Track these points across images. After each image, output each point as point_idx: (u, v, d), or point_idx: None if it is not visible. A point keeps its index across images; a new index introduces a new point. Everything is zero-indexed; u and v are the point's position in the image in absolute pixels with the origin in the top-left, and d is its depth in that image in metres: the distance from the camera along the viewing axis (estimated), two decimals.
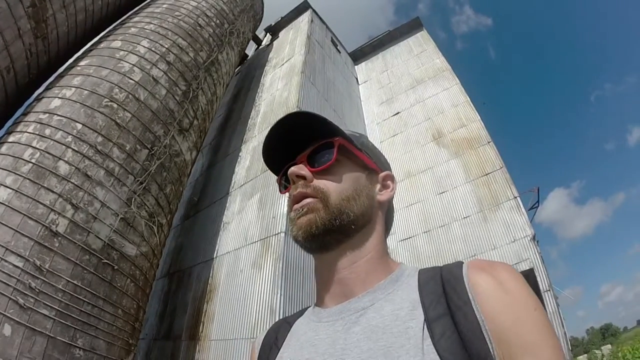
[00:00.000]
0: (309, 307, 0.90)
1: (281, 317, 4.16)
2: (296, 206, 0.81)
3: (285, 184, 0.92)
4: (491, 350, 0.62)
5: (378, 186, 0.89)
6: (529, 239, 7.40)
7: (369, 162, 0.89)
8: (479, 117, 10.11)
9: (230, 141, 8.85)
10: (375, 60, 15.18)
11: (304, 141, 0.88)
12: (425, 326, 0.67)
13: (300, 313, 0.93)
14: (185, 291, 6.94)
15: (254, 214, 6.11)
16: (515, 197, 8.09)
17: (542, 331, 0.62)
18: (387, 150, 10.93)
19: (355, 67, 15.42)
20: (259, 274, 5.24)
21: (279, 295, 4.81)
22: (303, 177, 0.83)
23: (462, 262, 0.74)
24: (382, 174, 0.90)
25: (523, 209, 7.93)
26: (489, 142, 9.36)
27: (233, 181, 7.50)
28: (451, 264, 0.76)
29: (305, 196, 0.82)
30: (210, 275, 6.37)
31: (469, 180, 8.91)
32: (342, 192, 0.83)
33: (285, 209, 5.56)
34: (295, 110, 7.10)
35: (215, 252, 6.58)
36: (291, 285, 5.06)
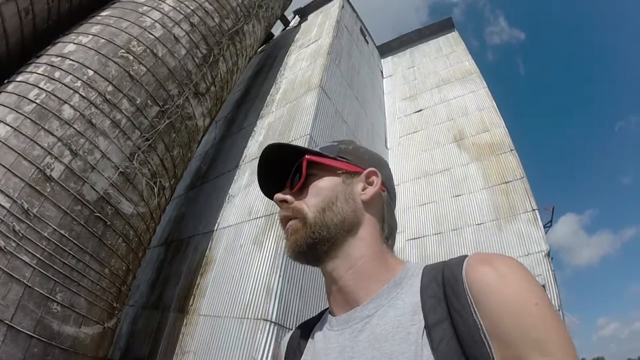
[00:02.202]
0: (327, 309, 0.93)
1: (277, 299, 3.87)
2: (285, 229, 0.89)
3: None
4: (490, 355, 0.61)
5: (361, 185, 0.90)
6: (543, 254, 7.08)
7: (344, 166, 0.91)
8: (503, 124, 9.78)
9: (247, 116, 8.57)
10: (403, 56, 14.88)
11: (288, 168, 0.94)
12: (424, 332, 0.67)
13: (319, 316, 0.96)
14: (180, 261, 6.67)
15: None
16: (534, 210, 7.75)
17: (546, 326, 0.60)
18: (404, 147, 10.72)
19: (382, 60, 15.10)
20: (259, 252, 4.93)
21: (277, 275, 4.49)
22: (285, 201, 0.90)
23: (465, 258, 0.71)
24: (364, 173, 0.91)
25: (540, 223, 7.58)
26: (511, 150, 9.02)
27: (244, 155, 7.22)
28: (454, 260, 0.74)
29: (289, 219, 0.88)
30: (209, 247, 6.08)
31: (488, 186, 8.60)
32: (317, 205, 0.87)
33: None
34: (317, 88, 6.89)
35: (217, 225, 6.30)
36: (292, 267, 4.74)
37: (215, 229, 6.28)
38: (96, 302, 4.64)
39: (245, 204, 5.99)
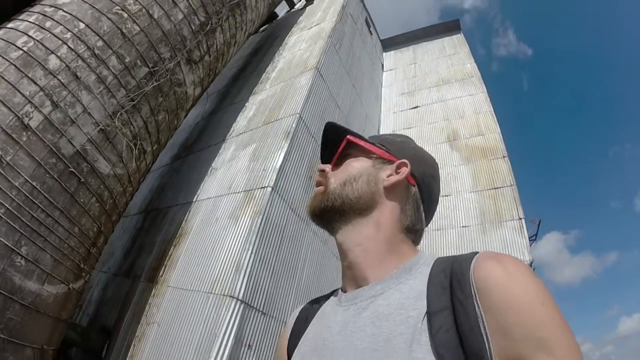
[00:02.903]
0: (339, 288, 0.99)
1: (246, 277, 3.74)
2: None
3: None
4: (487, 348, 0.62)
5: (388, 172, 0.97)
6: (526, 264, 6.97)
7: (378, 152, 1.00)
8: (499, 130, 9.67)
9: (240, 91, 8.39)
10: (405, 52, 14.75)
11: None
12: (425, 318, 0.69)
13: (331, 294, 1.02)
14: (156, 231, 6.51)
15: (245, 164, 5.66)
16: (521, 219, 7.67)
17: (552, 326, 0.61)
18: None
19: (384, 54, 14.98)
20: (234, 226, 4.77)
21: (249, 252, 4.33)
22: (322, 171, 1.04)
23: (475, 254, 0.74)
24: (396, 162, 0.98)
25: (526, 232, 7.54)
26: (504, 157, 8.93)
27: (232, 129, 7.04)
28: (465, 255, 0.76)
29: (319, 184, 1.03)
30: (185, 219, 5.92)
31: (476, 190, 8.52)
32: (340, 178, 0.97)
33: (279, 162, 5.18)
34: (313, 70, 6.74)
35: (196, 197, 6.12)
36: (266, 245, 4.58)
37: (194, 200, 6.12)
38: (62, 261, 4.46)
39: (226, 177, 5.83)
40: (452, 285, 0.71)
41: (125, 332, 5.53)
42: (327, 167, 1.05)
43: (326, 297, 1.02)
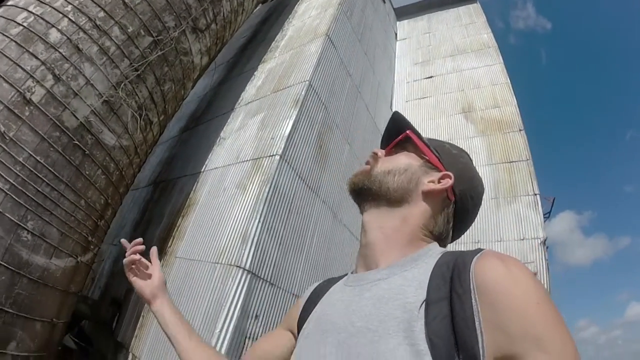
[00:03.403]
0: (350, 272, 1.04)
1: (253, 247, 3.61)
2: None
3: None
4: (479, 342, 0.62)
5: (431, 178, 0.99)
6: (539, 241, 6.87)
7: (430, 156, 1.03)
8: (515, 102, 9.39)
9: (249, 60, 8.21)
10: (420, 21, 14.29)
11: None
12: (423, 306, 0.71)
13: (344, 276, 1.05)
14: (165, 202, 6.47)
15: (253, 133, 5.52)
16: (536, 194, 7.51)
17: (548, 325, 0.61)
18: (410, 112, 10.37)
19: (397, 23, 14.55)
20: (242, 196, 4.66)
21: (256, 222, 4.23)
22: (375, 154, 1.09)
23: (479, 251, 0.75)
24: (443, 172, 0.99)
25: (540, 209, 7.35)
26: (520, 130, 8.70)
27: (241, 98, 6.89)
28: (469, 251, 0.77)
29: (367, 163, 1.08)
30: (193, 189, 5.84)
31: (491, 163, 8.33)
32: (387, 166, 1.02)
33: (287, 130, 5.04)
34: (323, 36, 6.54)
35: (204, 167, 6.03)
36: (274, 215, 4.48)
37: (202, 170, 6.03)
38: (69, 234, 4.41)
39: (234, 147, 5.71)
40: (452, 278, 0.73)
41: (134, 303, 5.52)
42: (380, 152, 1.10)
43: (339, 278, 1.07)
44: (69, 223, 4.38)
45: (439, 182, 0.98)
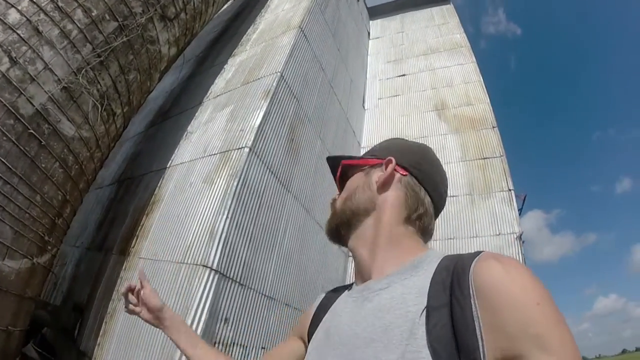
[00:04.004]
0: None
1: (221, 245, 3.35)
2: None
3: None
4: (480, 347, 0.63)
5: (378, 174, 1.02)
6: (515, 236, 6.96)
7: (367, 162, 1.09)
8: (488, 100, 9.50)
9: (219, 54, 7.97)
10: (393, 20, 14.36)
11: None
12: (424, 313, 0.71)
13: (349, 285, 1.06)
14: (129, 200, 6.16)
15: (222, 126, 5.29)
16: (510, 190, 7.60)
17: (548, 323, 0.61)
18: (383, 109, 10.49)
19: (371, 22, 14.57)
20: (209, 190, 4.42)
21: (224, 217, 3.99)
22: (333, 199, 1.14)
23: (479, 253, 0.75)
24: (383, 162, 1.03)
25: (515, 204, 7.43)
26: (493, 127, 8.79)
27: (210, 91, 6.65)
28: (468, 255, 0.77)
29: (330, 209, 1.13)
30: (158, 185, 5.55)
31: (464, 160, 8.37)
32: (343, 197, 1.08)
33: (257, 122, 4.83)
34: (296, 29, 6.36)
35: (170, 162, 5.75)
36: (243, 210, 4.25)
37: (168, 165, 5.74)
38: (24, 232, 4.08)
39: (202, 140, 5.46)
40: (452, 283, 0.72)
41: (97, 309, 5.21)
42: (336, 195, 1.16)
43: (344, 288, 1.07)
44: (23, 220, 4.05)
45: (385, 170, 1.01)
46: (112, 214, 6.53)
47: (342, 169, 1.15)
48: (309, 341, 1.04)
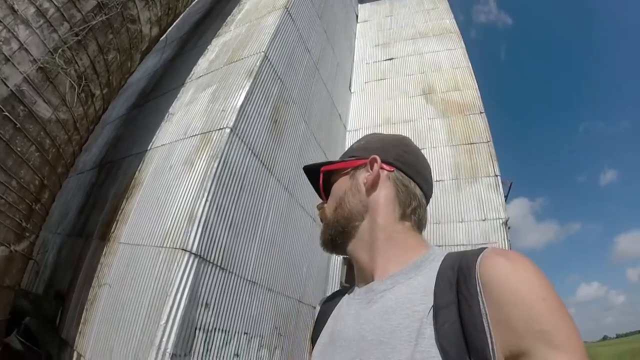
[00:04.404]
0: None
1: (201, 228, 3.20)
2: None
3: None
4: (490, 344, 0.62)
5: (364, 175, 1.01)
6: (501, 221, 6.99)
7: (350, 165, 1.06)
8: (476, 86, 9.46)
9: (202, 35, 7.77)
10: (382, 4, 14.13)
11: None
12: (431, 312, 0.71)
13: (350, 288, 1.05)
14: (110, 185, 6.01)
15: (203, 106, 5.15)
16: (497, 176, 7.60)
17: (554, 319, 0.61)
18: (369, 92, 10.42)
19: (359, 5, 14.33)
20: (189, 173, 4.29)
21: (204, 200, 3.87)
22: (319, 208, 1.13)
23: (482, 250, 0.74)
24: (367, 162, 1.01)
25: (501, 189, 7.45)
26: (481, 113, 8.77)
27: (192, 72, 6.49)
28: (473, 251, 0.76)
29: (322, 220, 1.10)
30: (139, 168, 5.40)
31: (451, 144, 8.35)
32: (332, 206, 1.05)
33: (240, 102, 4.70)
34: (282, 9, 6.21)
35: (151, 144, 5.59)
36: (223, 193, 4.13)
37: (148, 148, 5.59)
38: None
39: (183, 121, 5.30)
40: (458, 281, 0.72)
41: (78, 296, 5.09)
42: (320, 204, 1.13)
43: (346, 290, 1.06)
44: None
45: (371, 170, 0.99)
46: (93, 199, 6.39)
47: (323, 176, 1.12)
48: (313, 346, 1.04)
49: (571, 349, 0.58)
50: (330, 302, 1.09)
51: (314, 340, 1.05)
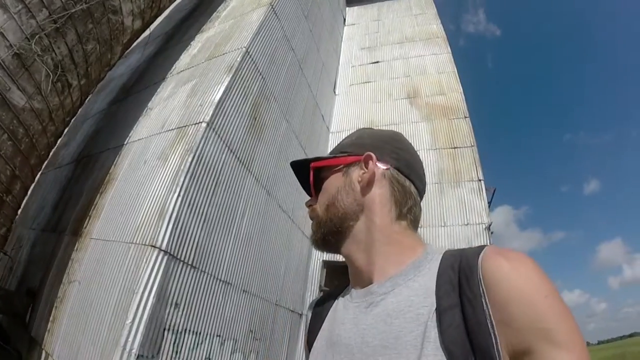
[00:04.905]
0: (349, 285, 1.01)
1: (172, 224, 3.02)
2: None
3: None
4: (495, 345, 0.63)
5: (359, 172, 0.97)
6: (483, 227, 6.97)
7: (342, 161, 1.02)
8: (461, 90, 9.51)
9: (187, 31, 7.68)
10: (370, 8, 14.25)
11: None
12: (435, 315, 0.71)
13: (344, 288, 1.04)
14: (85, 179, 5.87)
15: (182, 101, 5.04)
16: (480, 180, 7.62)
17: (555, 317, 0.62)
18: (354, 95, 10.45)
19: (347, 8, 14.45)
20: (162, 167, 4.17)
21: (176, 195, 3.75)
22: (308, 205, 1.09)
23: (483, 248, 0.74)
24: (362, 159, 0.98)
25: (485, 194, 7.45)
26: (465, 117, 8.81)
27: (174, 67, 6.38)
28: (472, 250, 0.77)
29: (312, 218, 1.06)
30: (114, 163, 5.26)
31: (435, 148, 8.36)
32: (323, 203, 1.01)
33: (218, 96, 4.61)
34: (266, 6, 6.15)
35: (128, 139, 5.46)
36: (197, 188, 4.02)
37: (125, 142, 5.46)
38: None
39: (161, 116, 5.18)
40: (460, 282, 0.72)
41: (48, 293, 4.94)
42: (310, 201, 1.09)
43: (339, 292, 1.04)
44: None
45: (366, 168, 0.97)
46: (68, 193, 6.24)
47: (313, 173, 1.07)
48: (309, 351, 1.02)
49: (573, 347, 0.60)
50: (322, 305, 1.07)
51: (309, 344, 1.02)
